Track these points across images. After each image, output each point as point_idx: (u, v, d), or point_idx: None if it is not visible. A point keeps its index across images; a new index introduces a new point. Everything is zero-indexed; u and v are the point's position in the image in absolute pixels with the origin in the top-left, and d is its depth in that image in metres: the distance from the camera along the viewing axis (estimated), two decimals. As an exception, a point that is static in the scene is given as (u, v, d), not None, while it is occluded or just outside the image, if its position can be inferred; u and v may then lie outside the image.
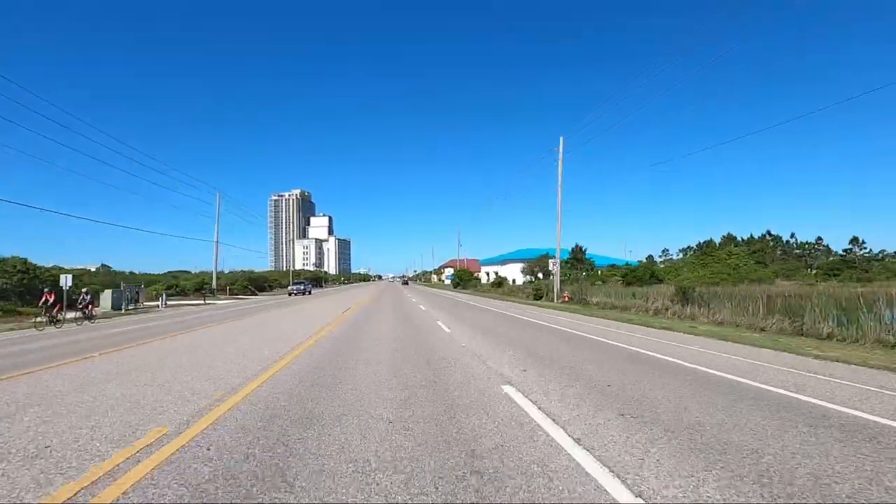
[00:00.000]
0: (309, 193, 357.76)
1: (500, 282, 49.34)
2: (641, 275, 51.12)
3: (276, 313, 20.78)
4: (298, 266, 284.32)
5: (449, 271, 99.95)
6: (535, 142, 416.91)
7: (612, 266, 61.52)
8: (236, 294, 45.78)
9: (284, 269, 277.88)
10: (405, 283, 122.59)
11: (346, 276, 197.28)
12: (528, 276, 66.28)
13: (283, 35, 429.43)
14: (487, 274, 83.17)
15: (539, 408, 5.00)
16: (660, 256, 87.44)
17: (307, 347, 9.81)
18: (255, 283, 57.88)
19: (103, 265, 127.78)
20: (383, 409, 5.01)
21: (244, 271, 57.63)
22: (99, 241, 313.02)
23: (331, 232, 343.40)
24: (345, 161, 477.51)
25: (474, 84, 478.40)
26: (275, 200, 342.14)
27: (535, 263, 65.23)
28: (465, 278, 62.43)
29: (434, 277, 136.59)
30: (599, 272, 58.89)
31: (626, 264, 63.58)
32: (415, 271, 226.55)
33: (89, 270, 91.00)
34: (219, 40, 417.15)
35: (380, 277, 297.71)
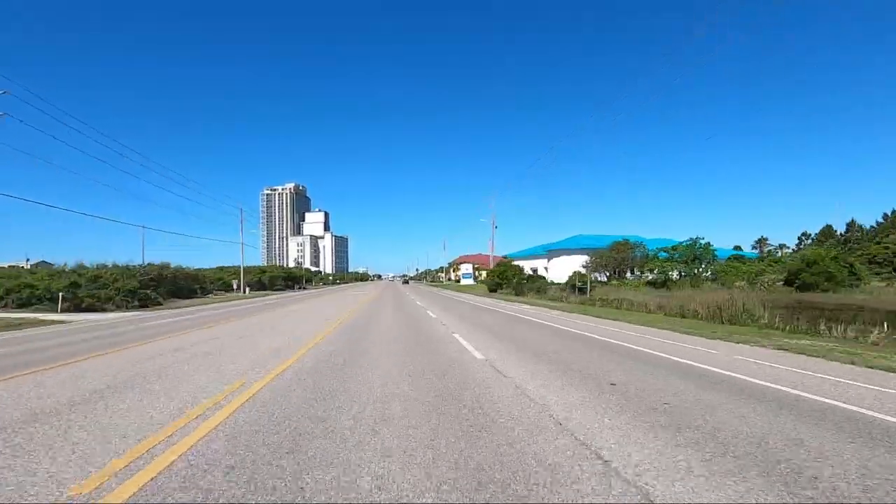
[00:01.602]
0: (304, 187, 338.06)
1: (581, 284, 27.24)
2: (834, 272, 28.76)
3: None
4: (292, 264, 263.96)
5: (466, 268, 77.72)
6: (539, 140, 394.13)
7: (737, 258, 39.08)
8: (79, 308, 23.36)
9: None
10: (405, 282, 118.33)
11: (340, 276, 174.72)
12: (598, 273, 43.78)
13: (280, 31, 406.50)
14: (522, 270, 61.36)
15: None
16: (753, 247, 65.33)
17: None
18: (175, 286, 35.65)
19: (42, 262, 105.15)
20: None
21: (152, 264, 35.60)
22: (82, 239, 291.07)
23: (327, 228, 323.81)
24: (343, 158, 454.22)
25: (478, 79, 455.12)
26: (267, 194, 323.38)
27: (610, 254, 42.80)
28: (508, 276, 40.28)
29: (443, 276, 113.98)
30: (726, 268, 36.66)
31: (757, 257, 41.12)
32: (417, 270, 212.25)
33: (19, 268, 68.94)
34: (211, 36, 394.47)
35: (379, 277, 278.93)
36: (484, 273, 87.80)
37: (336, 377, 6.14)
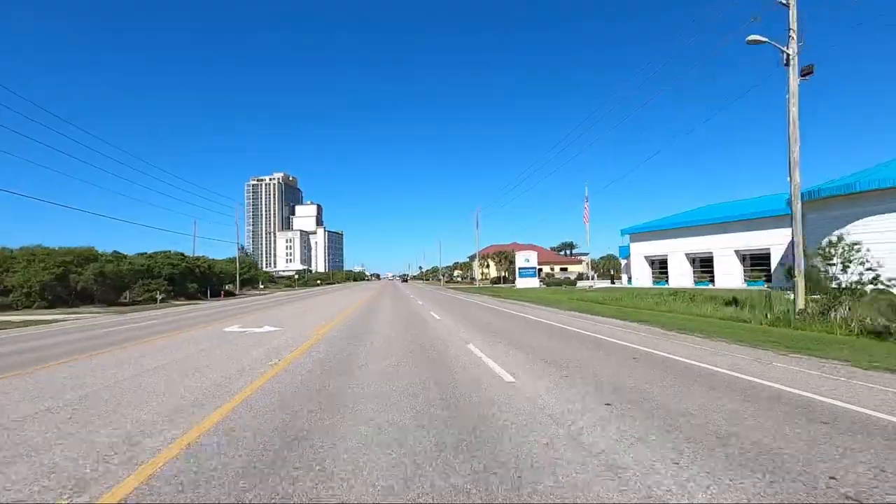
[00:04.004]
0: (294, 178, 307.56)
1: None
2: None
3: None
4: (281, 264, 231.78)
5: (526, 257, 43.93)
6: (554, 133, 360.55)
7: None
8: None
9: (263, 266, 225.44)
10: (404, 280, 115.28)
11: (322, 275, 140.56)
12: None
13: (271, 11, 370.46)
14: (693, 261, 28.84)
15: None
16: None
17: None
18: None
19: None
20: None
21: None
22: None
23: (319, 223, 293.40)
24: (338, 149, 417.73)
25: (484, 70, 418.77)
26: (253, 185, 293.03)
27: None
28: None
29: (460, 274, 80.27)
30: None
31: None
32: (420, 269, 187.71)
33: None
34: (198, 17, 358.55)
35: (378, 276, 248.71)
36: (543, 270, 54.26)
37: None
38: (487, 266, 66.00)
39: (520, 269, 44.01)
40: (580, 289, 35.20)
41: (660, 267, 41.31)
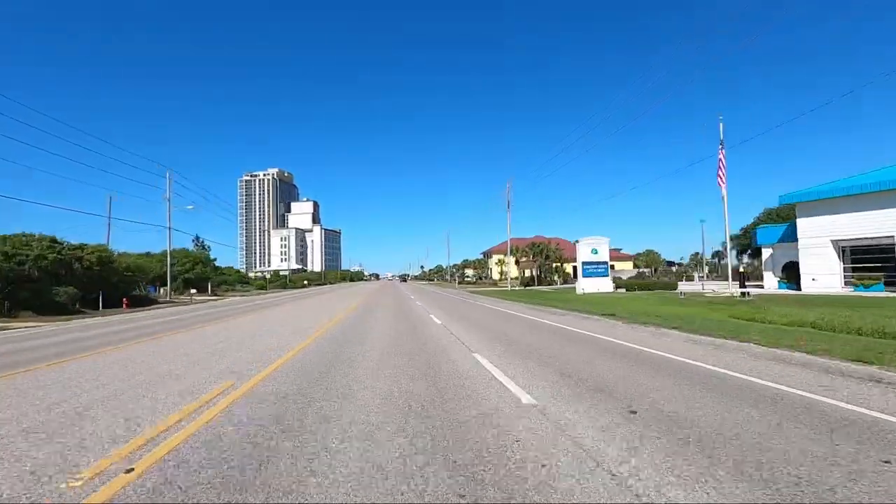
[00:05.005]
0: (290, 174, 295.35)
1: None
2: None
3: None
4: (275, 264, 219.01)
5: (592, 244, 29.88)
6: (565, 126, 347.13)
7: None
8: None
9: (257, 266, 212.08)
10: (403, 280, 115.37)
11: (314, 276, 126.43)
12: None
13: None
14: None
15: None
16: None
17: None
18: None
19: None
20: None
21: None
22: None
23: (316, 221, 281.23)
24: (335, 145, 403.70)
25: (486, 67, 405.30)
26: (246, 181, 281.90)
27: None
28: None
29: (469, 272, 66.27)
30: None
31: None
32: (422, 268, 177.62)
33: None
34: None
35: (377, 276, 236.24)
36: (620, 266, 39.81)
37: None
38: (518, 262, 52.35)
39: (584, 263, 29.46)
40: (710, 295, 21.22)
41: (856, 258, 24.14)
